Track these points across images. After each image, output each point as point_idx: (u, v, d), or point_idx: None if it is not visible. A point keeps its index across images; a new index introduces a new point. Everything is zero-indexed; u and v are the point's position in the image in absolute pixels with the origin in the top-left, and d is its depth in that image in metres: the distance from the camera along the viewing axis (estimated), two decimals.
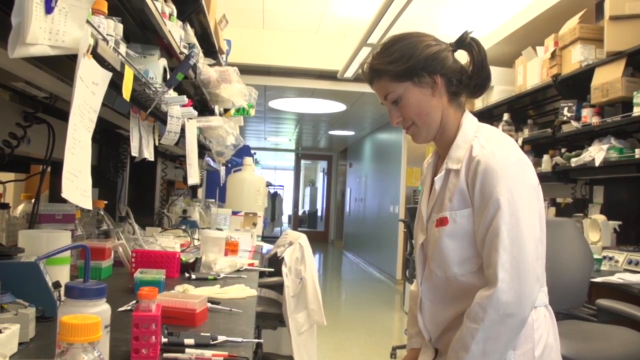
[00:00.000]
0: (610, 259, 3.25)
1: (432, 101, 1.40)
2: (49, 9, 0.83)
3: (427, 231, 1.46)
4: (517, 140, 4.55)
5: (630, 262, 3.13)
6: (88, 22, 0.99)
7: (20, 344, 1.06)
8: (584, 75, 3.57)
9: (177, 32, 2.02)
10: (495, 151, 1.31)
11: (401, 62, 1.37)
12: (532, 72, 4.36)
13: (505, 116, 4.97)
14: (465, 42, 1.43)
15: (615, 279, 2.80)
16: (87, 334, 0.69)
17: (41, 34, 0.83)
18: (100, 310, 0.88)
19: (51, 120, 1.77)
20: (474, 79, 1.42)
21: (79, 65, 0.95)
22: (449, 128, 1.44)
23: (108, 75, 1.10)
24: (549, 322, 1.41)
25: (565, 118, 3.80)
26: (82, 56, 0.95)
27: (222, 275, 2.10)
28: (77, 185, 0.97)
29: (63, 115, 1.81)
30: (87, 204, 1.01)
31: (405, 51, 1.38)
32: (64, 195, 0.92)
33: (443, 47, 1.41)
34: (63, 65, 1.10)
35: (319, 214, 17.42)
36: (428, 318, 1.48)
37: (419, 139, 1.46)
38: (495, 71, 5.03)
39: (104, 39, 1.16)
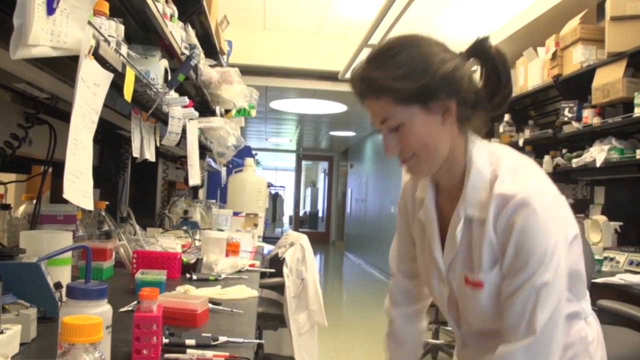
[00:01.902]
0: (611, 259, 3.25)
1: (441, 130, 1.15)
2: (50, 10, 0.83)
3: (449, 282, 1.26)
4: (517, 141, 4.57)
5: (631, 263, 3.13)
6: (90, 23, 0.99)
7: (21, 344, 1.07)
8: (585, 76, 3.57)
9: (178, 33, 2.02)
10: (529, 194, 1.08)
11: (411, 80, 1.10)
12: (533, 73, 4.36)
13: (506, 117, 4.97)
14: (485, 53, 1.19)
15: (616, 279, 2.80)
16: (89, 335, 0.69)
17: (43, 35, 0.83)
18: (101, 311, 0.88)
19: (52, 121, 1.77)
20: (496, 97, 1.18)
21: (81, 67, 0.95)
22: (457, 159, 1.19)
23: (109, 76, 1.10)
24: (600, 334, 1.29)
25: (566, 119, 3.80)
26: (83, 57, 0.96)
27: (223, 276, 2.10)
28: (79, 186, 0.97)
29: (64, 116, 1.81)
30: (89, 205, 1.01)
31: (416, 65, 1.11)
32: (65, 196, 0.92)
33: (458, 61, 1.15)
34: (64, 66, 1.10)
35: (320, 214, 17.42)
36: (474, 352, 1.31)
37: (419, 173, 1.24)
38: None
39: (106, 40, 1.16)
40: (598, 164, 3.42)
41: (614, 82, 3.24)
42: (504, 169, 1.14)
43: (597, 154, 3.46)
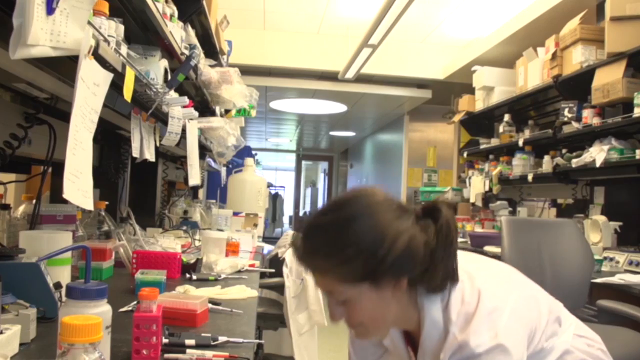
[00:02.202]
0: (611, 259, 3.25)
1: (390, 303, 1.09)
2: (50, 10, 0.83)
3: None
4: (517, 142, 4.57)
5: (631, 263, 3.13)
6: (89, 23, 1.00)
7: (21, 344, 1.07)
8: (585, 76, 3.57)
9: (178, 33, 2.02)
10: (472, 343, 1.03)
11: (360, 262, 1.02)
12: (533, 73, 4.36)
13: (506, 117, 4.97)
14: (435, 211, 1.10)
15: (616, 279, 2.80)
16: (89, 335, 0.69)
17: (42, 35, 0.83)
18: (101, 311, 0.88)
19: (52, 121, 1.77)
20: (437, 270, 1.07)
21: (81, 66, 0.95)
22: (408, 315, 1.14)
23: (109, 76, 1.10)
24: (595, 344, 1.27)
25: (566, 119, 3.80)
26: (83, 57, 0.96)
27: (223, 276, 2.10)
28: (79, 186, 0.97)
29: (64, 116, 1.81)
30: (88, 205, 1.01)
31: (366, 246, 1.02)
32: (65, 196, 0.92)
33: (411, 231, 1.05)
34: (64, 66, 1.10)
35: None
36: None
37: (368, 338, 1.22)
38: (496, 72, 5.05)
39: (105, 40, 1.16)
40: (598, 164, 3.42)
41: (614, 83, 3.23)
42: (459, 316, 1.08)
43: (597, 154, 3.46)
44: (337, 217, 1.06)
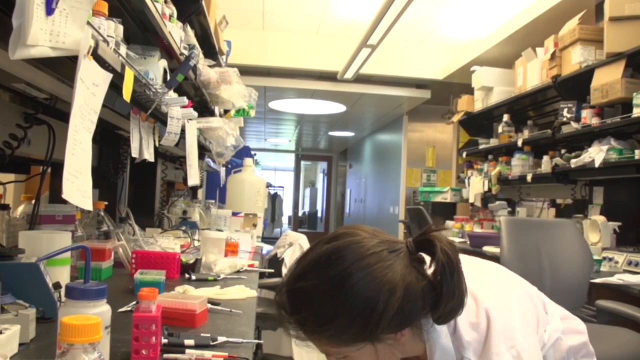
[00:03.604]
0: (610, 259, 3.25)
1: (393, 350, 1.03)
2: (49, 11, 0.84)
3: None
4: (517, 142, 4.58)
5: (630, 263, 3.13)
6: (89, 23, 1.00)
7: (20, 344, 1.07)
8: (584, 76, 3.57)
9: (177, 33, 2.02)
10: None
11: (353, 330, 0.95)
12: (532, 73, 4.37)
13: (505, 117, 4.98)
14: (429, 246, 1.00)
15: (615, 279, 2.80)
16: (88, 335, 0.69)
17: (42, 35, 0.83)
18: (100, 311, 0.88)
19: (51, 121, 1.77)
20: (445, 305, 0.98)
21: (80, 67, 0.95)
22: (413, 349, 1.08)
23: (108, 76, 1.10)
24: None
25: (565, 119, 3.81)
26: (82, 57, 0.96)
27: (222, 276, 2.10)
28: (78, 186, 0.97)
29: (63, 116, 1.81)
30: (88, 205, 1.01)
31: (358, 310, 0.94)
32: (64, 196, 0.92)
33: (408, 278, 0.97)
34: (63, 67, 1.10)
35: (319, 214, 17.41)
36: None
37: None
38: (495, 72, 5.05)
39: (105, 40, 1.16)
40: (597, 165, 3.42)
41: (613, 83, 3.24)
42: (474, 343, 1.03)
43: (596, 154, 3.46)
44: (323, 280, 0.97)
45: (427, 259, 1.02)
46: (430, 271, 1.00)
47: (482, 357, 1.01)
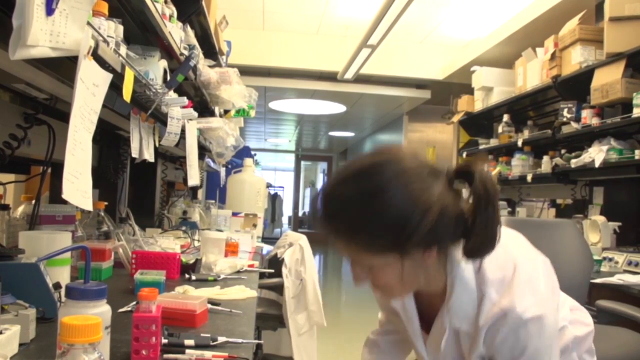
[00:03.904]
0: (610, 260, 3.25)
1: (418, 270, 1.03)
2: (49, 11, 0.84)
3: None
4: (517, 142, 4.58)
5: (630, 263, 3.13)
6: (89, 23, 1.00)
7: (20, 344, 1.07)
8: (584, 77, 3.57)
9: (178, 33, 2.02)
10: (530, 311, 1.01)
11: (385, 239, 0.96)
12: (532, 73, 4.37)
13: (505, 117, 4.97)
14: (469, 175, 1.01)
15: (615, 280, 2.80)
16: (88, 335, 0.69)
17: (42, 35, 0.84)
18: (100, 311, 0.88)
19: (51, 121, 1.77)
20: (476, 237, 0.99)
21: (80, 67, 0.95)
22: (434, 282, 1.10)
23: (109, 76, 1.10)
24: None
25: (565, 119, 3.81)
26: (82, 58, 0.96)
27: (222, 276, 2.10)
28: (78, 187, 0.97)
29: (63, 116, 1.81)
30: (88, 205, 1.01)
31: (392, 220, 0.95)
32: (64, 196, 0.92)
33: (444, 200, 0.97)
34: (63, 67, 1.10)
35: None
36: None
37: (390, 299, 1.18)
38: (495, 72, 5.05)
39: (105, 41, 1.16)
40: (597, 165, 3.42)
41: (613, 83, 3.24)
42: (497, 282, 1.05)
43: (596, 154, 3.46)
44: (362, 190, 0.97)
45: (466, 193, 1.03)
46: (466, 201, 1.01)
47: (504, 296, 1.02)
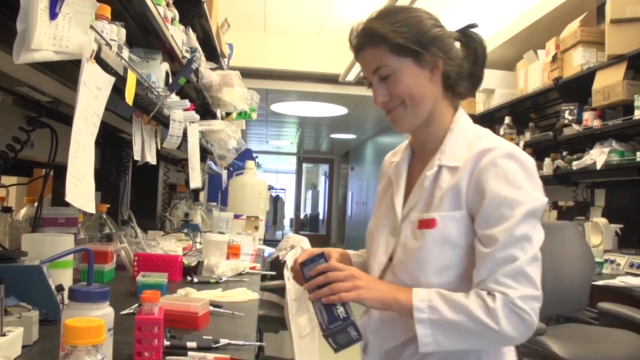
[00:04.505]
0: (612, 262, 3.25)
1: (428, 85, 1.23)
2: (53, 15, 0.84)
3: (400, 233, 1.27)
4: (518, 144, 4.58)
5: (632, 265, 3.13)
6: (92, 27, 1.00)
7: (23, 346, 1.07)
8: (585, 79, 3.57)
9: (180, 36, 2.03)
10: (516, 150, 1.18)
11: (407, 34, 1.19)
12: (533, 76, 4.37)
13: (507, 119, 4.97)
14: (472, 36, 1.30)
15: (617, 282, 2.80)
16: (91, 337, 0.69)
17: (45, 39, 0.84)
18: (103, 313, 0.88)
19: (54, 124, 1.78)
20: (472, 77, 1.28)
21: (83, 71, 0.96)
22: (437, 122, 1.28)
23: (111, 80, 1.11)
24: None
25: (566, 121, 3.81)
26: (85, 61, 0.96)
27: (224, 278, 2.10)
28: (81, 189, 0.98)
29: (66, 119, 1.81)
30: (91, 208, 1.02)
31: (411, 23, 1.21)
32: (67, 199, 0.93)
33: (448, 32, 1.27)
34: (66, 70, 1.10)
35: (321, 217, 17.41)
36: (374, 329, 1.30)
37: (403, 124, 1.27)
38: (496, 74, 5.05)
39: (107, 44, 1.17)
40: (598, 167, 3.42)
41: (614, 85, 3.24)
42: (487, 134, 1.26)
43: (598, 156, 3.46)
44: (393, 8, 1.29)
45: None
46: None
47: (493, 142, 1.20)
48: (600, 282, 2.81)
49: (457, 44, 1.30)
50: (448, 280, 1.18)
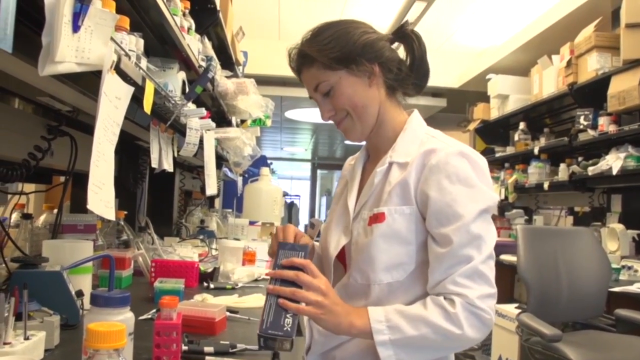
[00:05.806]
0: (629, 268, 3.22)
1: (369, 92, 1.26)
2: (76, 28, 0.86)
3: (352, 231, 1.29)
4: (533, 149, 4.56)
5: None
6: (112, 39, 1.03)
7: (46, 350, 1.10)
8: (601, 84, 3.56)
9: (196, 45, 2.05)
10: (467, 150, 1.22)
11: (335, 49, 1.23)
12: (548, 81, 4.35)
13: (522, 125, 4.96)
14: (404, 34, 1.32)
15: (635, 288, 2.78)
16: (113, 341, 0.71)
17: (68, 52, 0.86)
18: (124, 318, 0.91)
19: (74, 132, 1.81)
20: (412, 75, 1.30)
21: (104, 81, 0.98)
22: (387, 125, 1.31)
23: (130, 89, 1.13)
24: None
25: (582, 126, 3.79)
26: (106, 72, 0.99)
27: (240, 284, 2.12)
28: (101, 197, 1.00)
29: (85, 128, 1.85)
30: (111, 215, 1.04)
31: (339, 37, 1.25)
32: (89, 207, 0.95)
33: (380, 36, 1.29)
34: (86, 80, 1.13)
35: None
36: (321, 329, 1.28)
37: (354, 134, 1.31)
38: (510, 80, 5.04)
39: (127, 55, 1.19)
40: (614, 172, 3.40)
41: (630, 90, 3.22)
42: (439, 134, 1.29)
43: (614, 161, 3.44)
44: (320, 27, 1.32)
45: None
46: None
47: (444, 142, 1.23)
48: (617, 289, 2.78)
49: (395, 45, 1.33)
50: (399, 279, 1.19)
